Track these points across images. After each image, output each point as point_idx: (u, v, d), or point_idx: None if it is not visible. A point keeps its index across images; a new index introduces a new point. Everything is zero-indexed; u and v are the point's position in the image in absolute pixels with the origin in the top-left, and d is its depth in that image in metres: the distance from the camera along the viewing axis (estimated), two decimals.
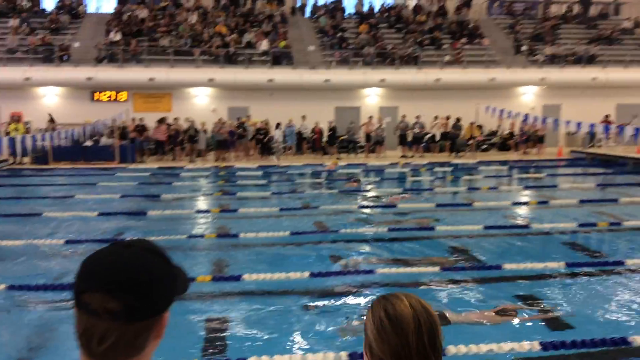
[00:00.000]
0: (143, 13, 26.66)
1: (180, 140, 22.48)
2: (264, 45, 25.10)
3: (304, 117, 23.41)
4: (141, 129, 22.45)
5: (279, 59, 24.87)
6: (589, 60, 26.06)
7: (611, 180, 16.88)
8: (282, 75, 24.06)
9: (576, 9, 30.46)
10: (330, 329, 5.45)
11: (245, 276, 6.80)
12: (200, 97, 24.73)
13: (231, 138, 22.16)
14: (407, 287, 6.64)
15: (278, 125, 22.83)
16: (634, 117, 24.33)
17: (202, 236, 9.36)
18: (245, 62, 24.41)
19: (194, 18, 26.68)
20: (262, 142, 22.62)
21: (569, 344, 4.76)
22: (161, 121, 22.66)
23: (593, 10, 30.64)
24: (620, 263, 7.42)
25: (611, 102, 26.00)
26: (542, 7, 30.92)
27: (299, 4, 29.80)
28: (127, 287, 1.11)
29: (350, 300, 6.28)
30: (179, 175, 17.80)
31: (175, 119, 22.78)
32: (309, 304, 6.13)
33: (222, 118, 23.12)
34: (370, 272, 7.04)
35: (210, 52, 24.44)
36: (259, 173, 18.47)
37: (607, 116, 24.48)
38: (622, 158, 20.12)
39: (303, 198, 13.41)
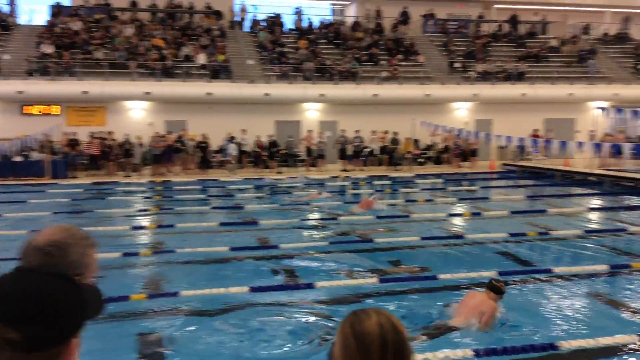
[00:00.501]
0: (76, 25, 25.91)
1: (115, 154, 21.91)
2: (201, 58, 24.90)
3: (244, 131, 23.29)
4: (74, 143, 21.73)
5: (218, 72, 24.72)
6: (519, 77, 27.23)
7: (540, 192, 17.63)
8: (221, 88, 23.92)
9: (506, 27, 31.81)
10: (271, 343, 5.41)
11: (183, 292, 6.68)
12: (136, 110, 24.21)
13: (169, 152, 21.78)
14: (347, 300, 6.70)
15: (232, 139, 22.73)
16: (549, 131, 25.51)
17: (137, 254, 9.12)
18: (183, 76, 24.12)
19: (129, 31, 26.16)
20: (203, 156, 22.38)
21: (501, 350, 4.92)
22: (95, 135, 22.02)
23: (521, 29, 32.10)
24: (548, 271, 7.74)
25: (539, 117, 27.23)
26: (473, 25, 32.13)
27: (237, 19, 29.77)
28: (28, 317, 1.05)
29: (290, 314, 6.27)
30: (114, 191, 17.32)
31: (110, 132, 22.20)
32: (248, 318, 6.08)
33: (159, 132, 22.71)
34: (310, 285, 7.06)
35: (146, 65, 24.02)
36: (198, 187, 18.23)
37: (535, 130, 25.60)
38: (550, 170, 21.06)
39: (244, 212, 13.34)
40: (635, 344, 5.13)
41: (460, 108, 27.11)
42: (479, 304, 5.56)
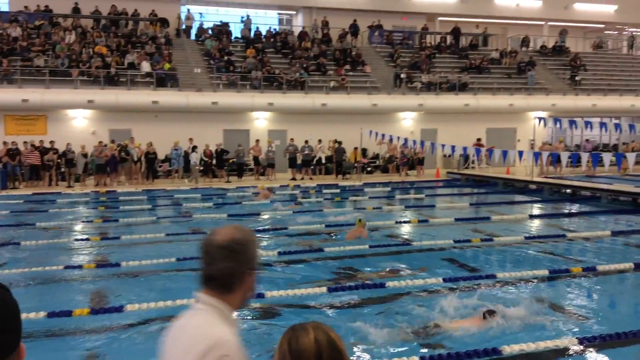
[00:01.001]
0: (16, 31, 25.03)
1: (57, 164, 21.21)
2: (146, 66, 24.48)
3: (191, 140, 22.96)
4: (14, 153, 20.90)
5: (164, 80, 24.35)
6: (462, 87, 28.01)
7: (484, 199, 18.13)
8: (167, 97, 23.57)
9: (449, 39, 32.68)
10: None
11: (128, 307, 6.52)
12: (79, 119, 23.52)
13: (113, 162, 21.25)
14: (295, 309, 6.70)
15: (194, 149, 22.48)
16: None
17: (80, 266, 8.85)
18: (127, 84, 23.64)
19: (71, 38, 25.46)
20: (151, 165, 21.94)
21: (446, 356, 5.03)
22: (33, 145, 21.26)
23: (464, 42, 33.06)
24: (493, 276, 7.97)
25: (482, 126, 28.06)
26: (418, 37, 32.87)
27: (184, 27, 29.45)
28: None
29: (241, 324, 6.21)
30: (56, 202, 16.74)
31: (51, 142, 21.48)
32: None
33: (103, 141, 22.13)
34: (260, 295, 7.02)
35: (89, 72, 23.41)
36: (144, 198, 17.85)
37: (478, 139, 26.35)
38: (493, 178, 21.71)
39: (192, 222, 13.15)
40: (575, 347, 5.34)
41: (407, 118, 27.63)
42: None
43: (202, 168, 23.02)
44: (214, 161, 23.17)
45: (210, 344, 1.66)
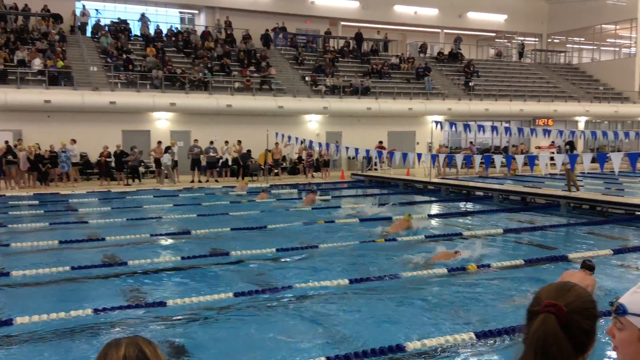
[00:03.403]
0: None
1: None
2: (38, 64, 23.04)
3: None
4: None
5: (57, 79, 23.03)
6: (364, 91, 28.70)
7: (386, 200, 18.65)
8: (61, 96, 22.31)
9: (352, 44, 33.39)
10: None
11: (18, 319, 6.08)
12: None
13: None
14: (201, 317, 6.56)
15: (167, 149, 21.92)
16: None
17: None
18: (17, 82, 22.12)
19: None
20: (43, 168, 20.59)
21: (352, 355, 5.11)
22: None
23: (365, 47, 33.92)
24: (396, 277, 8.20)
25: (384, 130, 28.92)
26: (322, 41, 33.32)
27: (79, 23, 28.01)
28: None
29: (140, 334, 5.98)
30: None
31: None
32: (93, 341, 5.70)
33: None
34: (161, 304, 6.79)
35: None
36: (36, 202, 16.76)
37: (380, 142, 27.11)
38: (394, 180, 22.41)
39: (89, 228, 12.52)
40: (472, 341, 5.61)
41: (312, 120, 27.91)
42: (581, 280, 6.27)
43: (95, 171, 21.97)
44: (113, 163, 22.17)
45: None
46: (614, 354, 1.55)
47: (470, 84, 32.55)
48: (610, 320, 1.55)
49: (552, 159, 19.03)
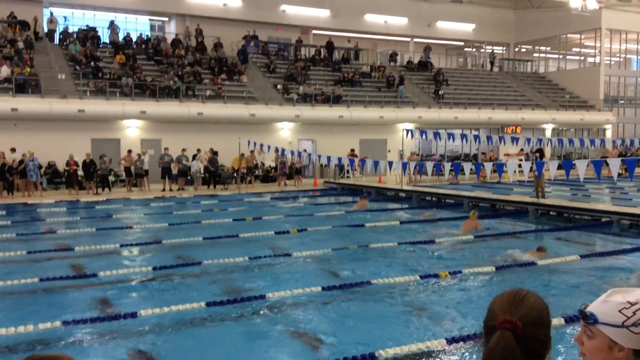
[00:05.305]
0: None
1: None
2: (5, 71, 22.59)
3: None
4: None
5: (24, 86, 22.60)
6: (336, 99, 28.85)
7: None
8: (28, 104, 21.90)
9: (323, 52, 33.56)
10: None
11: None
12: None
13: None
14: (175, 327, 6.50)
15: (195, 157, 22.73)
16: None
17: None
18: None
19: None
20: (10, 178, 20.13)
21: None
22: None
23: (337, 55, 34.12)
24: (368, 283, 8.25)
25: (355, 138, 29.09)
26: (293, 49, 33.41)
27: (46, 30, 27.57)
28: None
29: (112, 347, 5.91)
30: None
31: None
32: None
33: None
34: (133, 315, 6.71)
35: None
36: (2, 212, 16.39)
37: (352, 150, 27.25)
38: (367, 187, 22.51)
39: (58, 238, 12.29)
40: (444, 348, 5.68)
41: (284, 128, 27.91)
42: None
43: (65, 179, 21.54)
44: (81, 172, 21.78)
45: None
46: None
47: (440, 92, 32.98)
48: (577, 327, 1.59)
49: (520, 166, 19.38)
